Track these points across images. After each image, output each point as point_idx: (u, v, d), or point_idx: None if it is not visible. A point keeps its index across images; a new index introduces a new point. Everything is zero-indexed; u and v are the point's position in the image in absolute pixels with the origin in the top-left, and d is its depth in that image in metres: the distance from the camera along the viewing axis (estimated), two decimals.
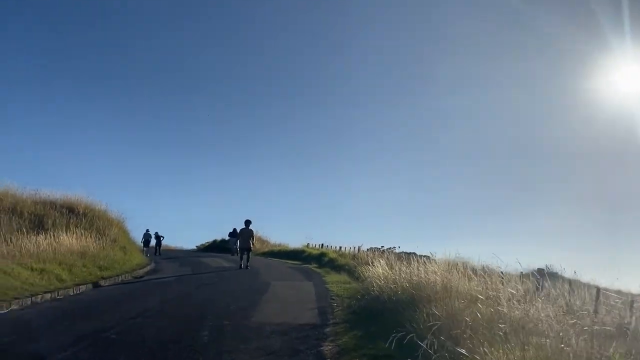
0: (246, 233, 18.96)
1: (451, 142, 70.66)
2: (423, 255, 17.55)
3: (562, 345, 4.63)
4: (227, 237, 30.73)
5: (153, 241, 28.79)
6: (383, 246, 25.44)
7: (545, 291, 8.15)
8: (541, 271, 12.21)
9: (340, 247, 25.70)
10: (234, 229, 28.08)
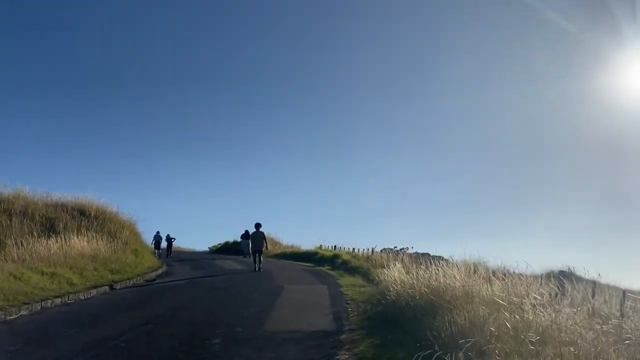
0: (258, 235, 18.94)
1: (462, 141, 70.00)
2: (437, 255, 17.25)
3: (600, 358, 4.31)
4: (240, 239, 30.64)
5: (164, 243, 28.74)
6: (396, 247, 25.09)
7: (569, 295, 7.77)
8: (563, 273, 11.78)
9: (353, 249, 25.41)
10: (246, 231, 27.98)
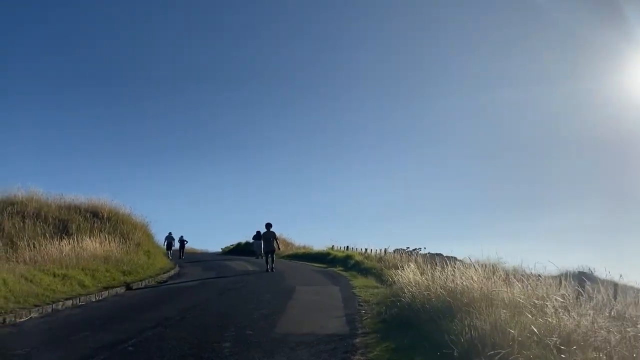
0: (269, 236, 18.87)
1: (472, 141, 69.31)
2: (450, 256, 17.01)
3: None
4: (252, 240, 30.62)
5: (176, 244, 28.78)
6: (408, 247, 24.81)
7: (588, 296, 7.46)
8: (583, 274, 11.41)
9: (365, 249, 25.19)
10: (258, 232, 27.91)
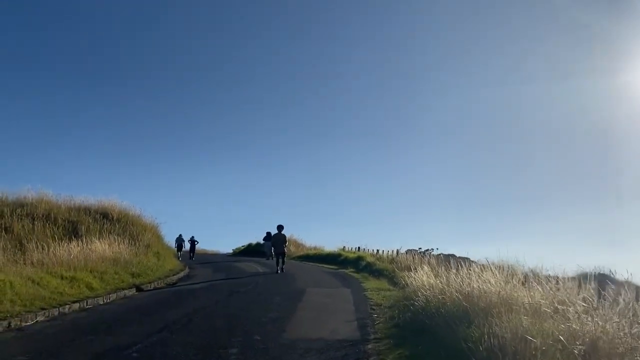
0: (280, 238, 18.78)
1: (483, 140, 68.50)
2: (463, 257, 16.66)
3: None
4: (262, 241, 30.51)
5: (187, 245, 28.69)
6: (420, 248, 24.44)
7: (610, 299, 7.08)
8: (603, 276, 10.96)
9: (377, 250, 24.89)
10: (268, 233, 27.80)
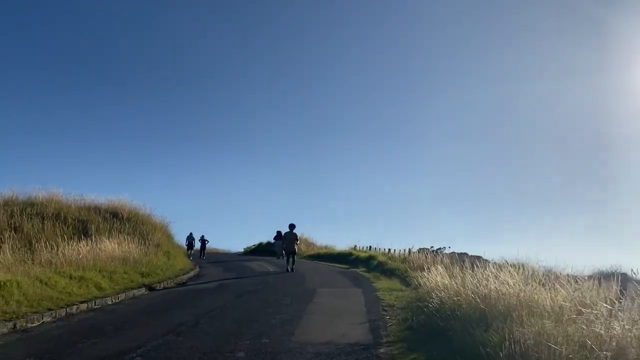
0: (291, 237, 18.67)
1: (492, 138, 67.69)
2: (475, 256, 16.29)
3: None
4: (273, 240, 30.34)
5: (197, 244, 28.60)
6: (432, 247, 24.03)
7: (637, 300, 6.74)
8: (625, 276, 10.54)
9: (389, 249, 24.55)
10: (278, 232, 27.67)
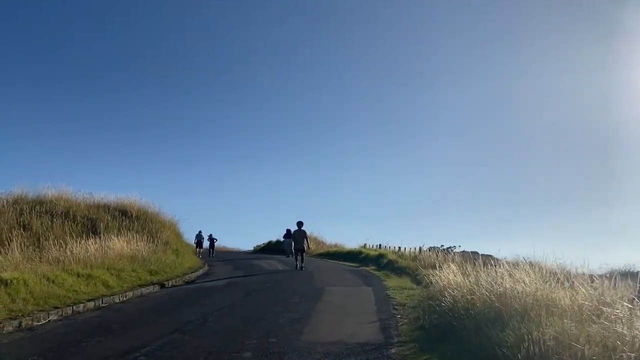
0: (300, 234, 18.53)
1: (499, 137, 67.02)
2: (486, 254, 16.00)
3: None
4: (282, 239, 30.25)
5: (206, 243, 28.59)
6: (443, 245, 23.72)
7: None
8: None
9: (399, 248, 24.31)
10: (288, 230, 27.55)
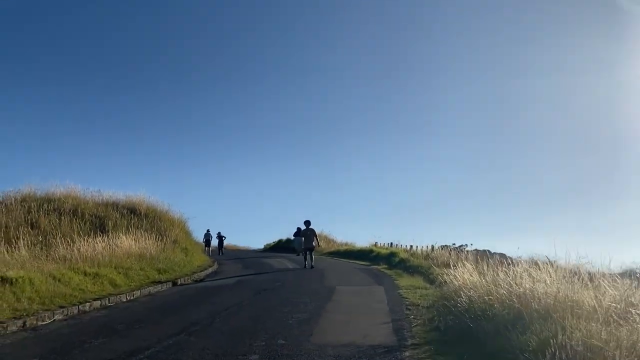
0: (309, 233, 18.33)
1: (506, 135, 66.22)
2: (499, 253, 15.64)
3: None
4: (292, 237, 30.07)
5: (215, 241, 28.47)
6: (454, 243, 23.33)
7: None
8: None
9: (411, 246, 23.99)
10: (298, 229, 27.31)
